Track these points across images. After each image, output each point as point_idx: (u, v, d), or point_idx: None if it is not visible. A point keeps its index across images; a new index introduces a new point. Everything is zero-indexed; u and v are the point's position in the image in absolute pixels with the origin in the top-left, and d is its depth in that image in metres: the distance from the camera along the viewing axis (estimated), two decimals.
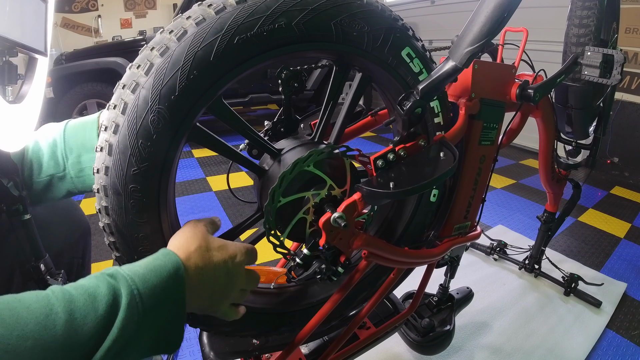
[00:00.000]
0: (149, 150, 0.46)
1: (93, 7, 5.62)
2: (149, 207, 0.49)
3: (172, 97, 0.45)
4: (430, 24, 4.64)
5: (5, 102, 0.53)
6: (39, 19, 0.58)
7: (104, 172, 0.47)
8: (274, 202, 0.52)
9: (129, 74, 0.47)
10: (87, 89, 3.22)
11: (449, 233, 0.81)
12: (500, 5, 0.48)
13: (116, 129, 0.46)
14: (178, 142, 0.48)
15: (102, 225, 0.51)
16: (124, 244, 0.50)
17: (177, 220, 0.57)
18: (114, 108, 0.47)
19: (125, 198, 0.47)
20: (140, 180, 0.47)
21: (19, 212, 0.63)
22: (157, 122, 0.45)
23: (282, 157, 0.60)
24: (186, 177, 2.87)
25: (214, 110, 0.52)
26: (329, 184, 0.55)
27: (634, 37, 2.90)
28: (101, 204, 0.49)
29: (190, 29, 0.45)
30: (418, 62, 0.60)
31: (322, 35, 0.51)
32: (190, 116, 0.47)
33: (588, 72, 0.98)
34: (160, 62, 0.45)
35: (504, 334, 1.36)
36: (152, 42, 0.47)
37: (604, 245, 2.06)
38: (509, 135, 1.11)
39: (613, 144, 3.12)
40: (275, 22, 0.47)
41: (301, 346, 0.81)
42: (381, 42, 0.56)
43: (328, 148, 0.54)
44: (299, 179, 0.55)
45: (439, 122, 0.66)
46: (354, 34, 0.53)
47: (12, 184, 0.61)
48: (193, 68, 0.45)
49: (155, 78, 0.44)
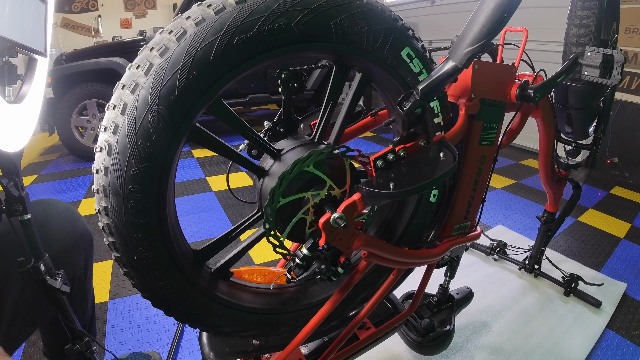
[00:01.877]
0: (148, 150, 0.45)
1: (93, 7, 5.61)
2: (148, 208, 0.48)
3: (171, 97, 0.45)
4: (430, 24, 4.64)
5: (5, 102, 0.53)
6: (39, 20, 0.59)
7: (103, 173, 0.47)
8: (274, 203, 0.52)
9: (128, 74, 0.47)
10: (87, 89, 3.21)
11: (449, 233, 0.81)
12: (500, 5, 0.48)
13: (115, 129, 0.46)
14: (178, 143, 0.48)
15: (101, 226, 0.51)
16: (123, 244, 0.50)
17: (177, 221, 0.57)
18: (114, 108, 0.47)
19: (124, 198, 0.47)
20: (140, 181, 0.46)
21: (19, 212, 0.63)
22: (156, 123, 0.45)
23: (282, 158, 0.60)
24: (186, 177, 2.87)
25: (214, 110, 0.52)
26: (328, 184, 0.55)
27: (634, 37, 2.89)
28: (101, 205, 0.49)
29: (190, 29, 0.45)
30: (418, 62, 0.60)
31: (322, 36, 0.51)
32: (189, 116, 0.47)
33: (588, 72, 0.98)
34: (159, 62, 0.45)
35: (504, 334, 1.36)
36: (152, 42, 0.47)
37: (604, 245, 2.06)
38: (509, 135, 1.11)
39: (613, 144, 3.12)
40: (275, 22, 0.47)
41: (301, 346, 0.81)
42: (381, 42, 0.55)
43: (328, 148, 0.54)
44: (298, 179, 0.55)
45: (438, 123, 0.66)
46: (353, 34, 0.53)
47: (12, 184, 0.61)
48: (192, 68, 0.45)
49: (155, 78, 0.44)
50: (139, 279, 0.54)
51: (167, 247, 0.52)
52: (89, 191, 2.62)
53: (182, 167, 3.10)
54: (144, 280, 0.54)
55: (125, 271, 0.54)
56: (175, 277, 0.55)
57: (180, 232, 0.57)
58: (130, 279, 0.55)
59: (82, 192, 2.60)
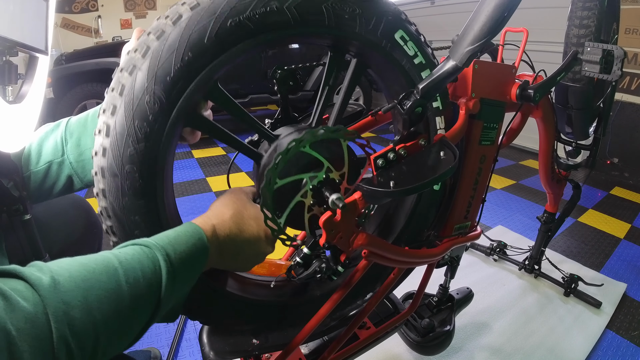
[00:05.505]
0: (145, 131, 0.47)
1: (93, 7, 5.62)
2: (144, 190, 0.49)
3: (167, 78, 0.46)
4: (430, 24, 4.64)
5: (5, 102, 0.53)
6: (40, 18, 0.59)
7: (101, 154, 0.48)
8: (270, 184, 0.51)
9: (127, 59, 0.48)
10: (87, 90, 3.21)
11: (449, 233, 0.81)
12: (501, 4, 0.48)
13: (114, 110, 0.47)
14: (174, 125, 0.48)
15: (99, 210, 0.52)
16: (120, 227, 0.50)
17: (175, 209, 0.57)
18: (112, 91, 0.47)
19: (121, 179, 0.48)
20: (136, 161, 0.47)
21: (19, 212, 0.63)
22: (152, 103, 0.46)
23: (279, 142, 0.60)
24: (186, 177, 2.87)
25: (212, 95, 0.53)
26: (326, 165, 0.55)
27: (634, 37, 2.90)
28: (99, 187, 0.50)
29: (185, 14, 0.47)
30: (412, 45, 0.61)
31: (315, 19, 0.52)
32: (186, 99, 0.48)
33: (588, 68, 0.97)
34: (156, 45, 0.46)
35: (504, 335, 1.36)
36: (150, 27, 0.48)
37: (604, 245, 2.06)
38: (509, 135, 1.11)
39: (613, 145, 3.12)
40: (267, 5, 0.48)
41: (301, 346, 0.81)
42: (373, 24, 0.56)
43: (324, 128, 0.54)
44: (295, 161, 0.54)
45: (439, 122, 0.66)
46: (345, 16, 0.53)
47: (12, 184, 0.61)
48: (187, 50, 0.46)
49: (152, 60, 0.46)
50: None
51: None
52: (89, 191, 2.62)
53: (182, 167, 3.10)
54: None
55: None
56: None
57: (178, 219, 0.57)
58: None
59: (82, 192, 2.60)
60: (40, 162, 0.67)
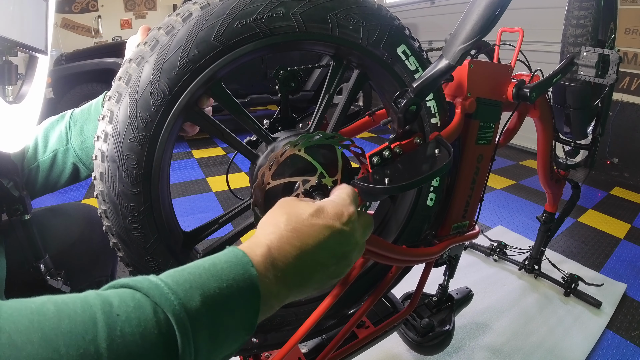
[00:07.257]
0: (146, 120, 0.48)
1: (93, 7, 5.63)
2: (140, 178, 0.50)
3: (172, 72, 0.48)
4: (430, 24, 4.65)
5: (5, 102, 0.53)
6: (40, 18, 0.59)
7: (103, 139, 0.49)
8: (263, 183, 0.52)
9: (136, 51, 0.49)
10: (87, 90, 3.22)
11: (447, 232, 0.82)
12: (492, 3, 0.48)
13: (119, 98, 0.48)
14: (175, 117, 0.50)
15: (95, 194, 0.53)
16: (114, 212, 0.52)
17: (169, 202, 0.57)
18: (119, 80, 0.49)
19: (119, 165, 0.49)
20: (136, 149, 0.49)
21: (19, 212, 0.63)
22: (156, 95, 0.48)
23: (276, 145, 0.61)
24: (186, 177, 2.87)
25: (214, 93, 0.54)
26: (319, 171, 0.55)
27: (633, 37, 2.90)
28: (98, 171, 0.51)
29: (195, 12, 0.49)
30: (414, 60, 0.61)
31: (319, 27, 0.53)
32: (189, 93, 0.49)
33: (584, 72, 0.98)
34: (165, 39, 0.48)
35: (504, 335, 1.36)
36: (161, 23, 0.50)
37: (604, 245, 2.06)
38: (507, 135, 1.12)
39: (613, 145, 3.12)
40: (274, 10, 0.50)
41: (300, 345, 0.81)
42: (377, 37, 0.57)
43: (320, 134, 0.54)
44: (290, 164, 0.55)
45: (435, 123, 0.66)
46: (349, 27, 0.54)
47: (12, 184, 0.61)
48: (194, 47, 0.48)
49: (159, 53, 0.48)
50: (125, 251, 0.55)
51: (156, 222, 0.54)
52: (89, 192, 2.62)
53: (182, 167, 3.10)
54: (130, 253, 0.55)
55: (114, 242, 0.55)
56: (162, 254, 0.56)
57: (172, 213, 0.58)
58: (117, 251, 0.55)
59: (82, 193, 2.60)
60: (47, 152, 0.69)
